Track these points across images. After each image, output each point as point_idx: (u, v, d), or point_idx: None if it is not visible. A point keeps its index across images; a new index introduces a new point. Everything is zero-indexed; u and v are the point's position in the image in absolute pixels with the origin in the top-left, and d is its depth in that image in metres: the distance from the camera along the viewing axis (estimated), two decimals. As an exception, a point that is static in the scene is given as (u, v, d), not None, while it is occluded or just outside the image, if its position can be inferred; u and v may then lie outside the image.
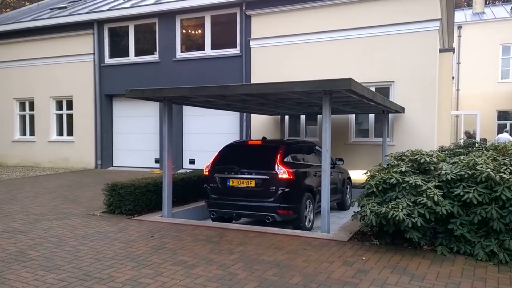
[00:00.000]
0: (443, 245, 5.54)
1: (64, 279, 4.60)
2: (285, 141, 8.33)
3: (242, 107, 9.99)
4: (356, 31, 12.04)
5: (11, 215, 7.93)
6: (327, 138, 6.60)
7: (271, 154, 7.42)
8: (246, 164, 7.51)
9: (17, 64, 17.46)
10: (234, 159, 7.77)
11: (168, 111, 7.82)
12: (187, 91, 7.33)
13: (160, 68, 15.00)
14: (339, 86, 6.18)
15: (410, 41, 11.43)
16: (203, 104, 9.08)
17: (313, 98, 7.53)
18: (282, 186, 7.16)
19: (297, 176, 7.34)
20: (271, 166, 7.26)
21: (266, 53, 13.19)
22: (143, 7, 15.04)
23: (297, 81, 6.58)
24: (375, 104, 8.47)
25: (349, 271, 4.84)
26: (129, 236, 6.40)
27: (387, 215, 5.45)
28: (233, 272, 4.80)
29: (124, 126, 16.20)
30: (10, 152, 17.80)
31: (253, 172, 7.36)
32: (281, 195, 7.16)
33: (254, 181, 7.33)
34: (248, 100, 8.39)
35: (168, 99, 7.73)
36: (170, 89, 7.44)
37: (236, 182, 7.47)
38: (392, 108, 9.99)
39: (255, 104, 9.22)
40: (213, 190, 7.72)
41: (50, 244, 5.93)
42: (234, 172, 7.51)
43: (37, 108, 17.24)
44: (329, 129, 6.60)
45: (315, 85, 6.41)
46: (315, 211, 7.83)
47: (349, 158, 12.09)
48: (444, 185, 5.69)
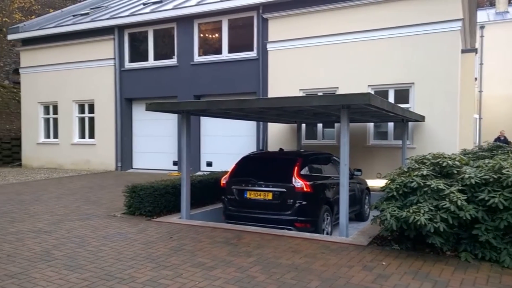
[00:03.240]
0: (467, 251, 5.41)
1: (86, 278, 4.68)
2: (302, 153, 8.24)
3: (259, 117, 9.99)
4: (374, 32, 11.91)
5: (36, 215, 8.11)
6: (346, 152, 6.52)
7: (288, 167, 7.38)
8: (264, 176, 7.48)
9: (42, 69, 17.88)
10: (252, 171, 7.75)
11: (186, 123, 7.90)
12: (205, 105, 7.41)
13: (178, 71, 15.15)
14: (357, 101, 6.05)
15: (431, 42, 11.26)
16: (220, 115, 9.13)
17: (330, 110, 7.45)
18: (299, 199, 7.12)
19: (314, 189, 7.26)
20: (288, 179, 7.21)
21: (283, 55, 13.18)
22: (162, 12, 15.24)
23: (314, 96, 6.57)
24: (395, 114, 8.35)
25: (369, 276, 4.78)
26: (149, 237, 6.47)
27: (408, 219, 5.36)
28: (251, 275, 4.80)
29: (144, 129, 16.41)
30: (35, 155, 18.22)
31: (270, 185, 7.33)
32: (298, 208, 7.11)
33: (271, 193, 7.30)
34: (265, 111, 8.39)
35: (187, 111, 7.83)
36: (188, 103, 7.55)
37: (253, 194, 7.45)
38: (412, 118, 9.85)
39: (272, 114, 9.23)
40: (231, 202, 7.73)
41: (73, 244, 6.05)
42: (251, 184, 7.48)
43: (60, 111, 17.62)
44: (347, 143, 6.51)
45: (333, 100, 6.37)
46: (333, 223, 7.73)
47: (368, 161, 11.97)
48: (468, 189, 5.56)
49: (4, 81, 24.96)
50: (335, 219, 7.70)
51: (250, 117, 9.74)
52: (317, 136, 13.15)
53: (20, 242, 6.19)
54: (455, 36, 11.18)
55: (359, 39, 12.11)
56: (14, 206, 9.08)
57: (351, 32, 12.18)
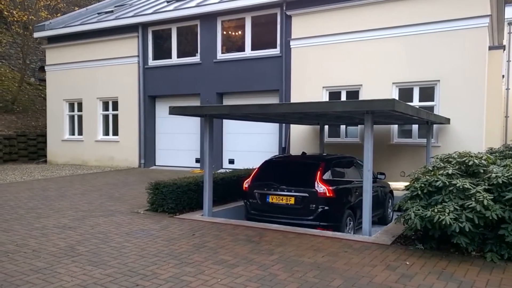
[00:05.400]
0: (493, 252, 5.31)
1: (110, 274, 4.76)
2: (325, 157, 8.17)
3: (281, 119, 9.94)
4: (399, 29, 11.71)
5: (61, 211, 8.30)
6: (369, 158, 6.44)
7: (311, 171, 7.34)
8: (286, 181, 7.45)
9: (67, 66, 18.24)
10: (274, 175, 7.74)
11: (209, 127, 7.94)
12: (228, 109, 7.44)
13: (201, 69, 15.23)
14: (381, 107, 5.96)
15: (457, 39, 11.00)
16: (242, 118, 9.14)
17: (354, 114, 7.38)
18: (322, 204, 7.08)
19: (337, 194, 7.20)
20: (311, 184, 7.18)
21: (307, 53, 13.09)
22: (186, 9, 15.33)
23: (338, 101, 6.50)
24: (419, 118, 8.20)
25: (393, 276, 4.72)
26: (171, 234, 6.54)
27: (432, 219, 5.27)
28: (273, 273, 4.80)
29: (166, 127, 16.57)
30: (60, 151, 18.63)
31: (293, 189, 7.30)
32: (321, 213, 7.08)
33: (293, 198, 7.27)
34: (288, 114, 8.36)
35: (209, 115, 7.88)
36: (211, 107, 7.61)
37: (275, 199, 7.43)
38: (437, 121, 9.63)
39: (295, 117, 9.19)
40: (253, 206, 7.74)
41: (97, 240, 6.16)
42: (273, 189, 7.46)
43: (85, 109, 17.96)
44: (371, 149, 6.43)
45: (357, 106, 6.28)
46: (355, 228, 7.67)
47: (392, 160, 11.80)
48: (495, 188, 5.44)
49: (30, 78, 25.58)
50: (358, 223, 7.64)
51: (272, 119, 9.71)
52: (340, 134, 13.02)
53: (45, 237, 6.35)
54: (483, 32, 10.89)
55: (383, 36, 11.92)
56: (39, 202, 9.31)
57: (375, 29, 12.01)
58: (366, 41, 12.16)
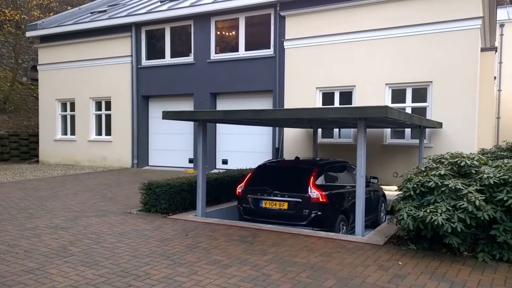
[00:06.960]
0: (484, 252, 5.35)
1: (103, 274, 4.74)
2: (318, 162, 8.18)
3: (275, 123, 9.98)
4: (392, 30, 11.77)
5: (53, 211, 8.24)
6: (362, 164, 6.47)
7: (304, 176, 7.35)
8: (279, 186, 7.46)
9: (59, 66, 18.12)
10: (267, 180, 7.73)
11: (202, 131, 7.95)
12: (221, 114, 7.46)
13: (195, 69, 15.20)
14: (374, 114, 6.00)
15: (450, 40, 11.08)
16: (236, 122, 9.15)
17: (347, 120, 7.41)
18: (315, 209, 7.09)
19: (330, 199, 7.21)
20: (304, 189, 7.18)
21: (300, 53, 13.11)
22: (179, 9, 15.29)
23: (331, 108, 6.53)
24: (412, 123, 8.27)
25: (385, 276, 4.74)
26: (165, 234, 6.52)
27: (425, 219, 5.30)
28: (267, 273, 4.80)
29: (160, 127, 16.52)
30: (52, 151, 18.49)
31: (286, 195, 7.31)
32: (314, 218, 7.09)
33: (287, 203, 7.27)
34: (282, 119, 8.37)
35: (203, 120, 7.88)
36: (204, 112, 7.63)
37: (268, 204, 7.43)
38: (429, 125, 9.69)
39: (289, 122, 9.20)
40: (246, 211, 7.73)
41: (89, 241, 6.13)
42: (267, 194, 7.46)
43: (77, 108, 17.84)
44: (363, 155, 6.47)
45: (350, 112, 6.32)
46: (348, 232, 7.67)
47: (385, 160, 11.86)
48: (486, 189, 5.48)
49: (22, 78, 25.39)
50: (351, 228, 7.65)
51: (265, 123, 9.76)
52: (333, 135, 13.05)
53: (37, 238, 6.30)
54: (475, 34, 10.98)
55: (377, 37, 11.97)
56: (31, 202, 9.25)
57: (369, 30, 12.06)
58: (360, 42, 12.21)
